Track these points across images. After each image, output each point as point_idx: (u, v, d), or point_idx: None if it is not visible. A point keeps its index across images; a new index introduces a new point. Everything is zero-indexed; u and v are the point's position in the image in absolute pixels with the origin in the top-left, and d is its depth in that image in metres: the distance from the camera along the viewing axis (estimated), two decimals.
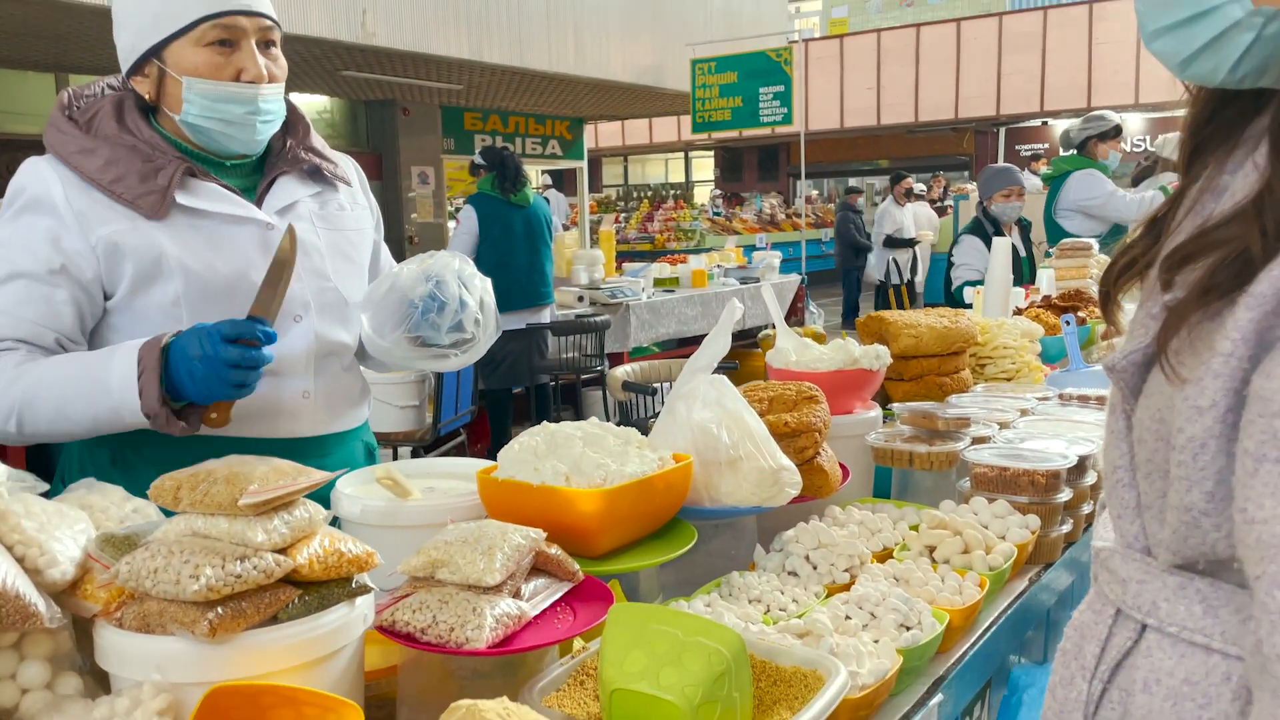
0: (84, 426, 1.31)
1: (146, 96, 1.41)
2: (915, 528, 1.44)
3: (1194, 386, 0.67)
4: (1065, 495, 1.47)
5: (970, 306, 3.23)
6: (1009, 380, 2.24)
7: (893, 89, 17.27)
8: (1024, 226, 4.90)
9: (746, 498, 1.24)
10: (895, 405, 1.81)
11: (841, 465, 1.48)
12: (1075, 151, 5.16)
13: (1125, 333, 0.80)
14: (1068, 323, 2.42)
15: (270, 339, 1.27)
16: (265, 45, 1.41)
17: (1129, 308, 0.84)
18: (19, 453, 3.25)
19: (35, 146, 1.39)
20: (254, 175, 1.49)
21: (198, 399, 1.27)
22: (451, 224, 9.44)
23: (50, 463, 3.20)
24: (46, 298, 1.33)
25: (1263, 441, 0.61)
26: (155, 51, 1.38)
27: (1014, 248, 4.67)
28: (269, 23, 1.41)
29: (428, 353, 1.43)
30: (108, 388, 1.27)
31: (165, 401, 1.26)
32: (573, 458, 1.14)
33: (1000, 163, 5.19)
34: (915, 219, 11.24)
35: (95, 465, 1.41)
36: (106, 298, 1.38)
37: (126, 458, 1.41)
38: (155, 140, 1.40)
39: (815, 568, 1.26)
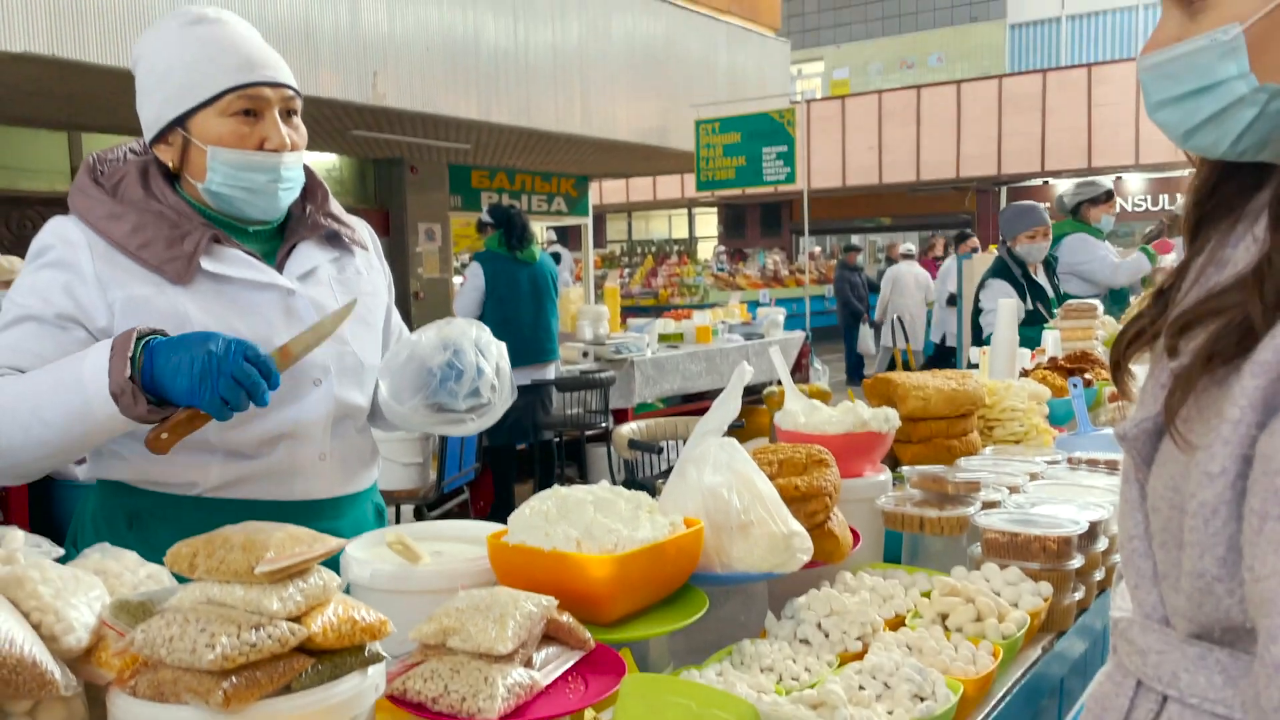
0: (57, 431, 1.24)
1: (170, 164, 1.44)
2: (927, 594, 1.43)
3: (1204, 453, 0.68)
4: (1078, 561, 1.46)
5: (976, 366, 3.24)
6: (1017, 443, 2.24)
7: (894, 148, 17.49)
8: (1050, 266, 4.78)
9: (758, 563, 1.24)
10: (905, 468, 1.81)
11: (852, 530, 1.48)
12: (1070, 216, 5.22)
13: (1136, 401, 0.81)
14: (1075, 385, 2.42)
15: (275, 386, 1.26)
16: (287, 114, 1.45)
17: (1140, 375, 0.85)
18: (23, 514, 3.24)
19: (45, 203, 1.44)
20: (274, 240, 1.52)
21: (177, 394, 1.21)
22: (457, 280, 9.51)
23: (58, 527, 3.20)
24: (53, 337, 1.35)
25: (1266, 499, 0.62)
26: (180, 121, 1.41)
27: (1041, 289, 4.63)
28: (291, 93, 1.45)
29: (444, 418, 1.45)
30: (80, 379, 1.22)
31: (134, 380, 1.20)
32: (584, 523, 1.14)
33: (1018, 202, 5.00)
34: (917, 280, 11.40)
35: (110, 528, 1.41)
36: None
37: (143, 519, 1.41)
38: (181, 207, 1.42)
39: (827, 635, 1.25)
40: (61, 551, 0.95)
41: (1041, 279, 4.67)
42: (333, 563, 1.12)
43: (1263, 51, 0.73)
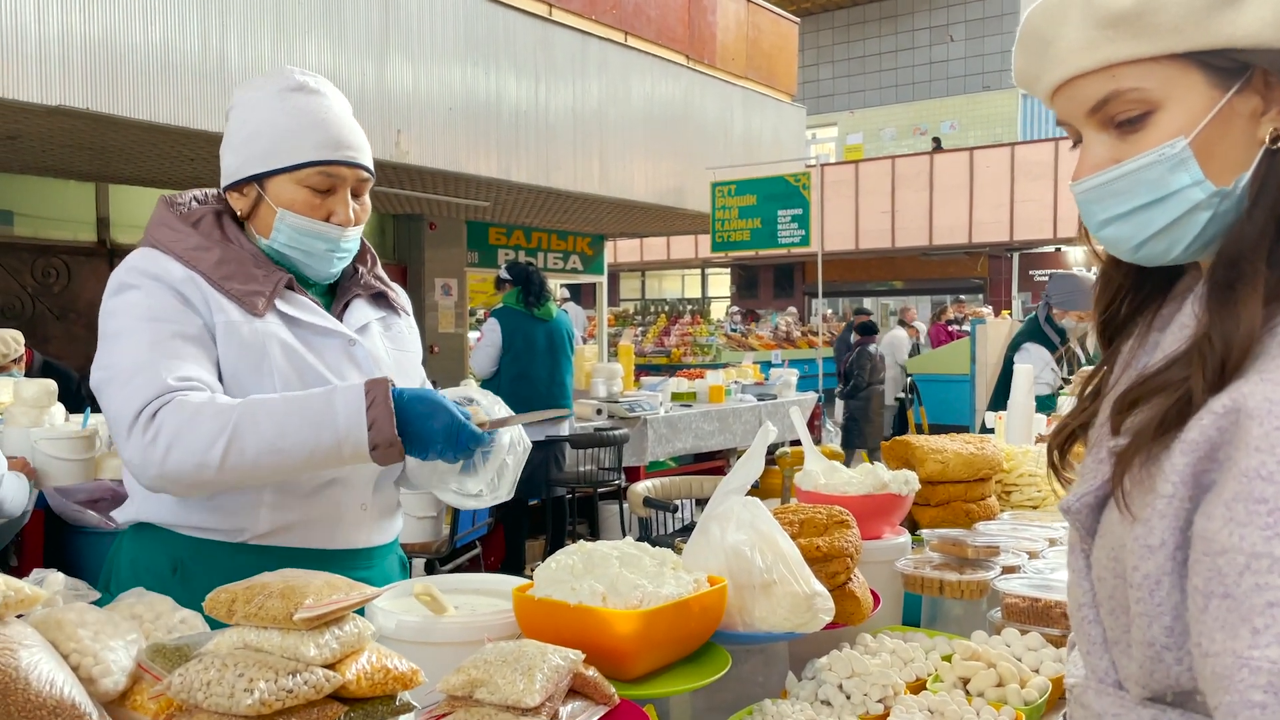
0: (297, 459, 1.32)
1: (239, 212, 1.52)
2: (947, 658, 1.43)
3: (1143, 526, 0.72)
4: None
5: (992, 431, 3.24)
6: (1035, 508, 2.23)
7: (907, 213, 17.65)
8: (1082, 335, 4.66)
9: (780, 623, 1.24)
10: (924, 531, 1.81)
11: (873, 592, 1.48)
12: None
13: (1078, 476, 0.86)
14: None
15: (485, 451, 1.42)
16: (356, 193, 1.53)
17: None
18: (37, 558, 3.24)
19: (71, 252, 1.49)
20: (327, 295, 1.61)
21: (427, 445, 1.33)
22: (472, 335, 9.58)
23: (74, 571, 3.19)
24: (206, 351, 1.42)
25: (1209, 579, 0.66)
26: (258, 177, 1.48)
27: (1075, 358, 4.53)
28: (366, 175, 1.53)
29: (460, 493, 1.49)
30: (333, 418, 1.31)
31: (394, 431, 1.30)
32: (609, 578, 1.15)
33: (1080, 274, 4.79)
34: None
35: (152, 574, 1.42)
36: None
37: (186, 566, 1.43)
38: (254, 250, 1.50)
39: (849, 697, 1.25)
40: (98, 595, 0.97)
41: (1077, 348, 4.54)
42: (359, 612, 1.14)
43: (1209, 157, 0.77)
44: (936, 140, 19.32)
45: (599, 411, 6.35)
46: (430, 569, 4.00)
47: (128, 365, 1.36)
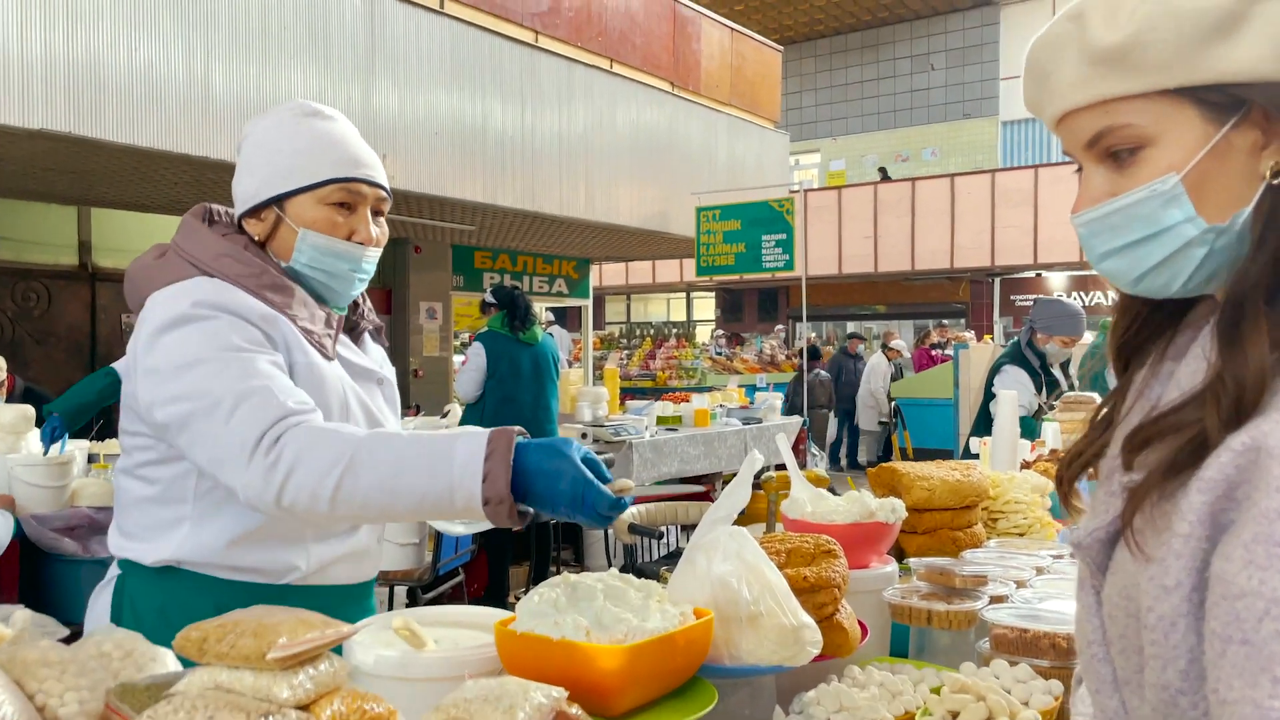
0: (408, 502, 1.24)
1: (256, 237, 1.49)
2: (936, 690, 1.41)
3: (1158, 566, 0.70)
4: None
5: (976, 457, 3.24)
6: (1022, 535, 2.22)
7: (889, 238, 17.77)
8: (1066, 362, 4.71)
9: (767, 656, 1.22)
10: (911, 560, 1.80)
11: (860, 622, 1.46)
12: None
13: (1088, 510, 0.84)
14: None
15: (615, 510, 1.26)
16: (375, 213, 1.52)
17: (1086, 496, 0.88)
18: (12, 592, 3.18)
19: (52, 276, 1.46)
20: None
21: (552, 505, 1.22)
22: (457, 359, 9.55)
23: (54, 598, 3.13)
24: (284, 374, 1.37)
25: (1227, 623, 0.64)
26: (278, 200, 1.46)
27: (1055, 383, 4.53)
28: (384, 194, 1.52)
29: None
30: (450, 462, 1.22)
31: (508, 488, 1.20)
32: (594, 611, 1.13)
33: (1065, 300, 4.84)
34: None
35: (137, 619, 1.38)
36: None
37: (172, 614, 1.38)
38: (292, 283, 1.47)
39: None
40: (67, 632, 0.94)
41: (1056, 372, 4.58)
42: (337, 649, 1.11)
43: (1202, 194, 0.76)
44: (883, 170, 19.53)
45: (584, 436, 6.32)
46: (413, 597, 3.95)
47: (227, 392, 1.28)
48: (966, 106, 21.73)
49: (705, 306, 24.18)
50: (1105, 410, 0.88)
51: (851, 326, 19.83)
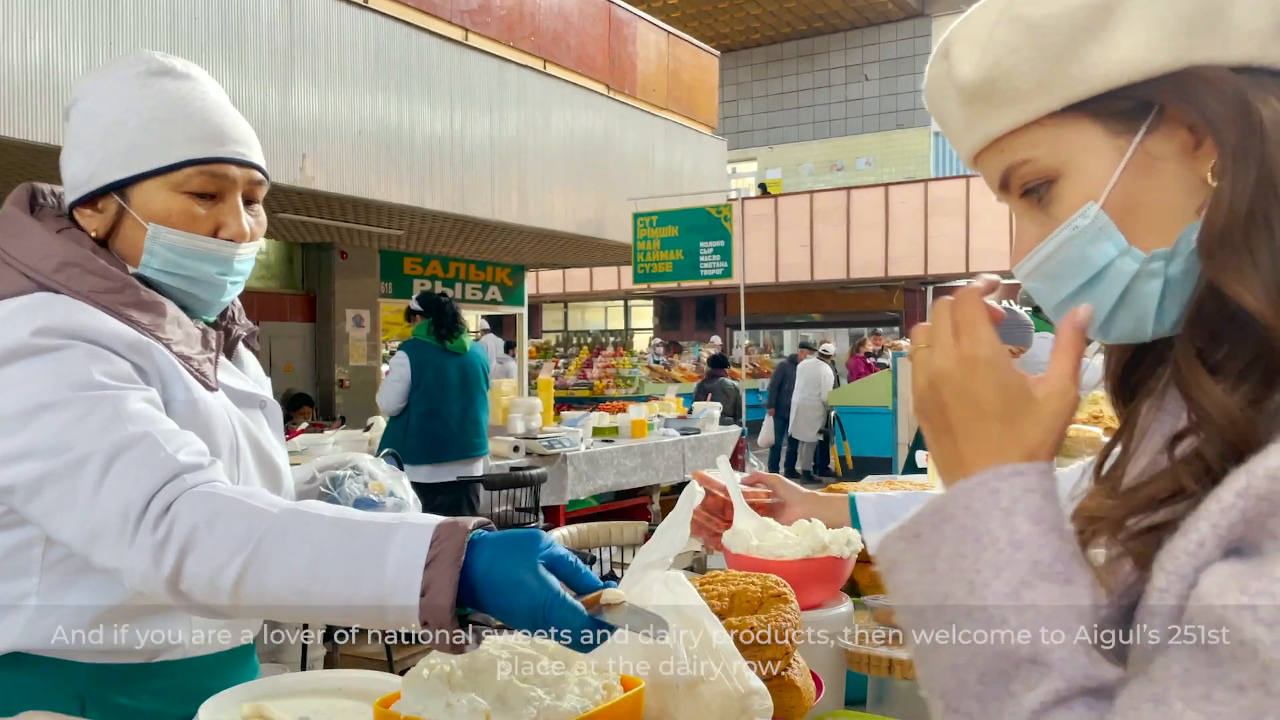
0: (328, 611, 0.94)
1: (93, 233, 1.15)
2: None
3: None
4: None
5: (924, 471, 3.09)
6: None
7: (825, 247, 17.86)
8: None
9: None
10: (866, 599, 1.62)
11: (814, 675, 1.27)
12: (1034, 312, 5.21)
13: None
14: None
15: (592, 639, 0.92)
16: (249, 200, 1.20)
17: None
18: None
19: None
20: None
21: (511, 617, 0.89)
22: (385, 368, 9.23)
23: None
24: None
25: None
26: (119, 185, 1.14)
27: None
28: (260, 176, 1.20)
29: None
30: (380, 565, 0.90)
31: (453, 608, 0.88)
32: (496, 689, 0.92)
33: (1015, 309, 4.90)
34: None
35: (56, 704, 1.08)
36: None
37: (99, 697, 1.10)
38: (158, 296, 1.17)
39: None
40: None
41: None
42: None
43: (1133, 219, 0.65)
44: (762, 186, 19.70)
45: (516, 449, 6.08)
46: (328, 635, 3.67)
47: (94, 446, 0.98)
48: (900, 117, 21.99)
49: (643, 314, 24.05)
50: (1108, 458, 0.75)
51: (788, 335, 19.88)
